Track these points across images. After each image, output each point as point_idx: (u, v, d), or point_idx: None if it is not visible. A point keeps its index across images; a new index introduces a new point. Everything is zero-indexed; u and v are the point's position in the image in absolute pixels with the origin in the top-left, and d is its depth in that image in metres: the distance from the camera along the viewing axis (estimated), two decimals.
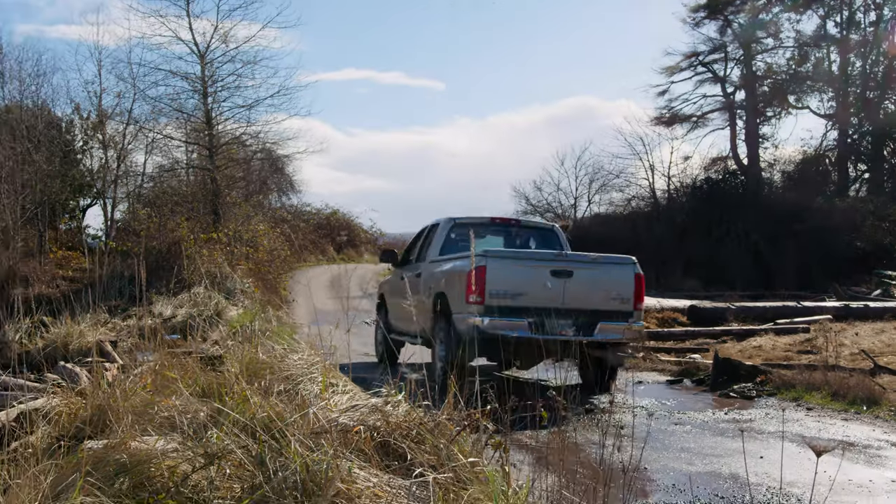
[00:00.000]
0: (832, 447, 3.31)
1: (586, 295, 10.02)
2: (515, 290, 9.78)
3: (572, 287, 9.95)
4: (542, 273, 10.01)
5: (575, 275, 10.06)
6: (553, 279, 9.95)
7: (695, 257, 29.63)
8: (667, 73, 37.93)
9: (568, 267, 10.13)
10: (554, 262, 10.23)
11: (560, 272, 10.00)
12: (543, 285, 9.93)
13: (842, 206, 31.83)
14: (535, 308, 9.69)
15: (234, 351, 7.94)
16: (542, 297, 9.81)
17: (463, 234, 11.55)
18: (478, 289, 9.65)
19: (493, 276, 9.70)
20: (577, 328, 9.91)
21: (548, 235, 12.54)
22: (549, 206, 41.08)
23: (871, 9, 36.98)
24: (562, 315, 9.78)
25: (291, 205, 37.28)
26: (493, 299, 9.66)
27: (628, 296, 10.28)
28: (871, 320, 18.12)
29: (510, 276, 9.76)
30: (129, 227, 22.30)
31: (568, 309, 9.88)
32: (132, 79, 23.29)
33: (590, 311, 10.04)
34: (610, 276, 10.35)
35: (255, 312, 16.90)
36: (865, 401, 9.48)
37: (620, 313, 10.22)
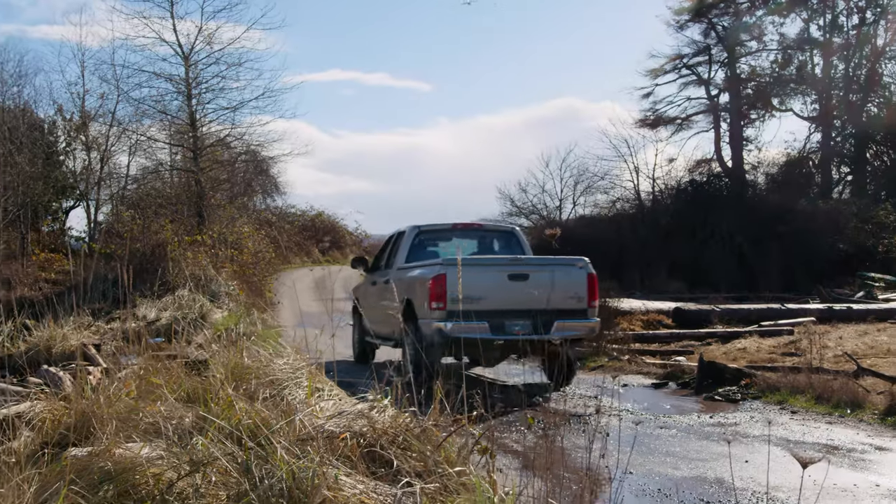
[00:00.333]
0: (818, 458, 3.32)
1: (542, 296, 10.24)
2: (475, 295, 10.11)
3: (529, 289, 10.37)
4: (499, 277, 10.57)
5: (531, 277, 10.62)
6: (510, 283, 10.54)
7: (679, 259, 29.70)
8: (651, 75, 38.05)
9: (524, 270, 10.71)
10: (510, 267, 10.80)
11: (516, 276, 10.61)
12: (501, 289, 10.47)
13: (825, 209, 31.99)
14: (495, 310, 10.23)
15: (219, 355, 7.91)
16: (501, 300, 10.38)
17: (428, 240, 12.69)
18: (439, 295, 10.26)
19: (454, 283, 10.11)
20: (535, 327, 10.39)
21: (508, 238, 13.19)
22: (533, 208, 41.15)
23: (854, 12, 37.19)
24: (520, 316, 10.39)
25: (276, 206, 37.22)
26: (454, 304, 10.05)
27: (582, 295, 10.83)
28: (855, 322, 18.20)
29: (469, 281, 9.97)
30: (113, 229, 22.20)
31: (525, 310, 10.37)
32: (116, 80, 23.25)
33: (546, 311, 10.37)
34: (564, 278, 10.83)
35: (240, 315, 16.85)
36: (849, 404, 9.52)
37: (576, 312, 10.78)
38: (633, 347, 15.05)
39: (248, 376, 7.19)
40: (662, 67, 37.79)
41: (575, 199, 40.33)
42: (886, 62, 37.36)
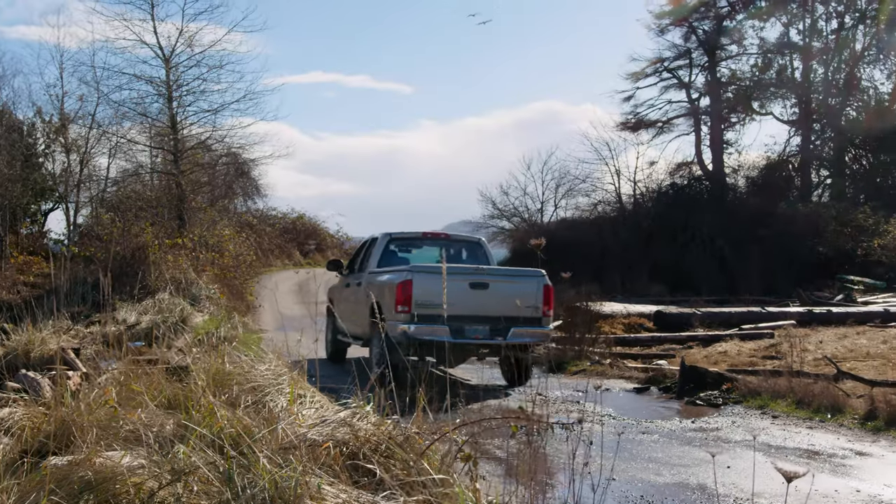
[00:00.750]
0: (802, 473, 3.33)
1: (500, 304, 11.12)
2: (438, 301, 10.66)
3: (488, 297, 11.23)
4: (461, 285, 11.25)
5: (490, 286, 11.39)
6: (471, 291, 11.25)
7: (661, 262, 29.79)
8: (632, 78, 38.19)
9: (484, 280, 11.45)
10: (472, 276, 11.52)
11: (477, 284, 11.34)
12: (463, 296, 11.11)
13: (805, 212, 32.18)
14: (456, 316, 10.89)
15: (201, 361, 7.86)
16: (462, 306, 10.98)
17: (398, 247, 13.64)
18: (405, 300, 11.01)
19: (419, 290, 10.97)
20: (493, 332, 11.24)
21: (474, 247, 13.96)
22: (515, 211, 41.19)
23: (833, 17, 37.50)
24: (479, 321, 11.19)
25: (257, 209, 37.04)
26: (419, 309, 10.87)
27: (538, 304, 11.55)
28: (834, 325, 18.33)
29: (433, 288, 10.80)
30: (93, 231, 22.03)
31: (484, 316, 11.19)
32: (95, 82, 23.09)
33: (504, 318, 11.21)
34: (521, 288, 11.72)
35: (221, 319, 16.76)
36: (830, 409, 9.56)
37: (531, 319, 11.53)
38: (614, 351, 15.09)
39: (230, 382, 7.14)
40: (644, 71, 37.97)
41: (556, 201, 40.42)
42: (865, 66, 37.70)
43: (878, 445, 8.12)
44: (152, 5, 22.16)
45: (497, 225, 41.46)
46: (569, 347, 14.57)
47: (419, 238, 14.04)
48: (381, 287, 11.84)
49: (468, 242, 14.19)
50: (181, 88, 22.76)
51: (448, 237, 14.50)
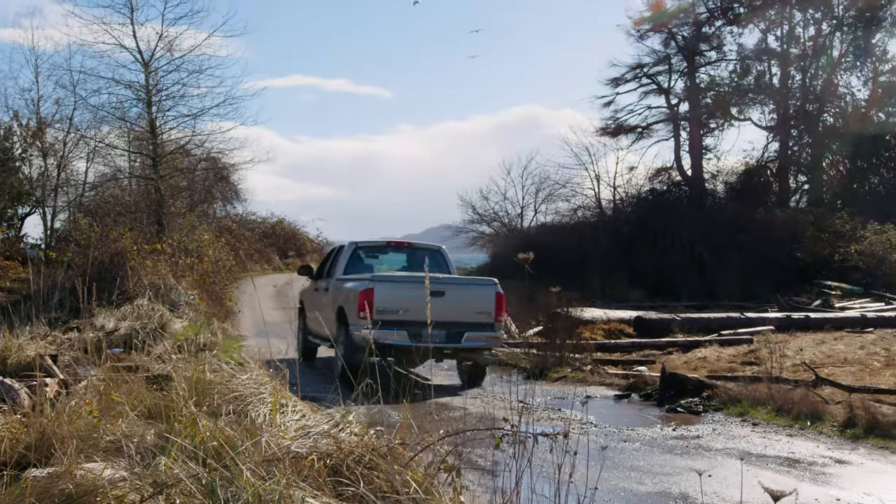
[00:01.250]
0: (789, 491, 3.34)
1: (455, 310, 12.00)
2: (398, 307, 11.79)
3: (444, 304, 11.75)
4: (419, 293, 11.09)
5: (447, 294, 12.05)
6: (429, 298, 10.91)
7: (641, 268, 29.86)
8: (612, 84, 38.21)
9: (441, 288, 12.04)
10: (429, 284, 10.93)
11: (434, 292, 11.32)
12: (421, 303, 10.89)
13: (783, 217, 32.39)
14: (414, 321, 11.52)
15: (182, 369, 7.81)
16: (420, 312, 11.16)
17: (364, 255, 14.39)
18: (367, 307, 11.72)
19: (380, 297, 11.86)
20: (448, 337, 12.04)
21: (435, 255, 14.61)
22: (495, 216, 41.19)
23: (811, 24, 37.77)
24: (436, 327, 11.69)
25: (237, 214, 36.90)
26: (380, 315, 11.64)
27: (490, 310, 12.45)
28: (812, 331, 18.46)
29: (393, 295, 11.88)
30: (70, 236, 21.84)
31: (441, 321, 11.76)
32: (72, 86, 22.90)
33: (458, 324, 12.10)
34: (475, 295, 12.63)
35: (201, 325, 16.68)
36: (809, 416, 9.61)
37: (484, 325, 12.42)
38: (595, 357, 15.11)
39: (211, 391, 7.11)
40: (623, 76, 38.00)
41: (536, 206, 40.46)
42: (842, 73, 37.97)
43: (858, 454, 8.18)
44: (132, 9, 22.03)
45: (477, 230, 41.47)
46: (550, 354, 14.57)
47: (383, 246, 14.87)
48: (345, 294, 12.74)
49: (430, 250, 14.90)
50: (161, 93, 22.64)
51: (411, 245, 15.22)
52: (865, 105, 37.32)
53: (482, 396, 11.19)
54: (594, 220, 36.70)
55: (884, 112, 37.27)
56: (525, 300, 18.76)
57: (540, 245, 31.13)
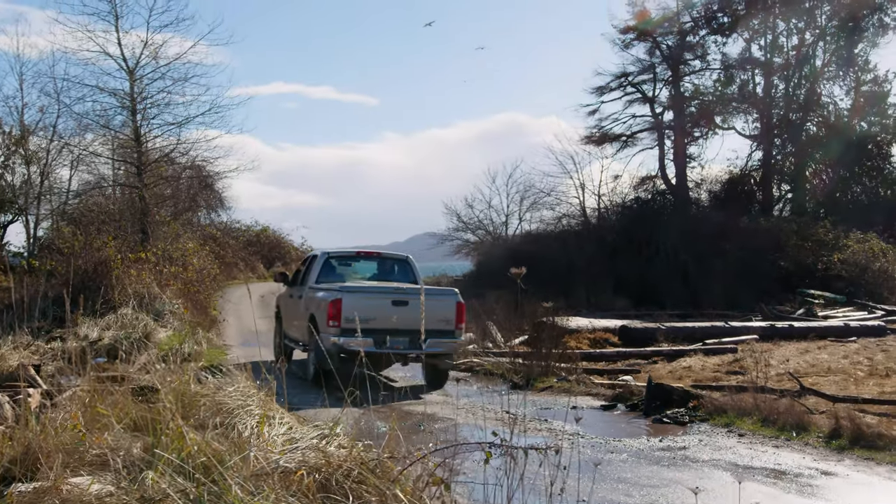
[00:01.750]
0: None
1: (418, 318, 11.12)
2: (365, 316, 11.44)
3: (408, 312, 12.52)
4: (384, 303, 12.85)
5: (410, 303, 12.78)
6: (393, 308, 12.69)
7: (625, 276, 29.90)
8: (597, 92, 38.35)
9: (404, 298, 12.95)
10: (394, 295, 13.14)
11: (398, 302, 12.89)
12: (386, 312, 12.54)
13: (766, 226, 32.57)
14: (380, 329, 12.47)
15: (167, 379, 7.77)
16: (385, 321, 12.37)
17: (336, 264, 15.07)
18: (336, 316, 12.61)
19: (348, 307, 12.57)
20: (412, 344, 12.76)
21: (403, 265, 15.43)
22: (480, 224, 41.26)
23: (794, 33, 38.03)
24: (400, 334, 12.71)
25: (221, 222, 36.73)
26: (348, 323, 12.47)
27: (451, 319, 13.26)
28: (796, 340, 18.55)
29: (360, 306, 12.33)
30: (53, 245, 21.67)
31: (405, 329, 12.55)
32: (56, 93, 22.75)
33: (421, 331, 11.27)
34: (437, 305, 13.19)
35: (185, 334, 16.60)
36: (795, 427, 9.64)
37: (445, 332, 13.17)
38: (581, 366, 15.11)
39: (198, 403, 7.07)
40: (608, 85, 38.16)
41: (521, 214, 40.57)
42: (825, 82, 38.28)
43: (843, 465, 8.20)
44: (116, 17, 21.91)
45: (462, 237, 41.53)
46: (536, 363, 14.56)
47: (354, 256, 15.62)
48: (317, 302, 13.46)
49: (398, 260, 15.67)
50: (146, 101, 22.50)
51: (380, 255, 15.82)
52: (848, 114, 37.63)
53: (469, 407, 11.16)
54: (579, 228, 36.79)
55: (866, 121, 37.56)
56: (511, 309, 18.77)
57: (525, 254, 31.23)
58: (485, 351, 16.96)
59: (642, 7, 37.19)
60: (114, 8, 21.96)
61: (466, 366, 16.02)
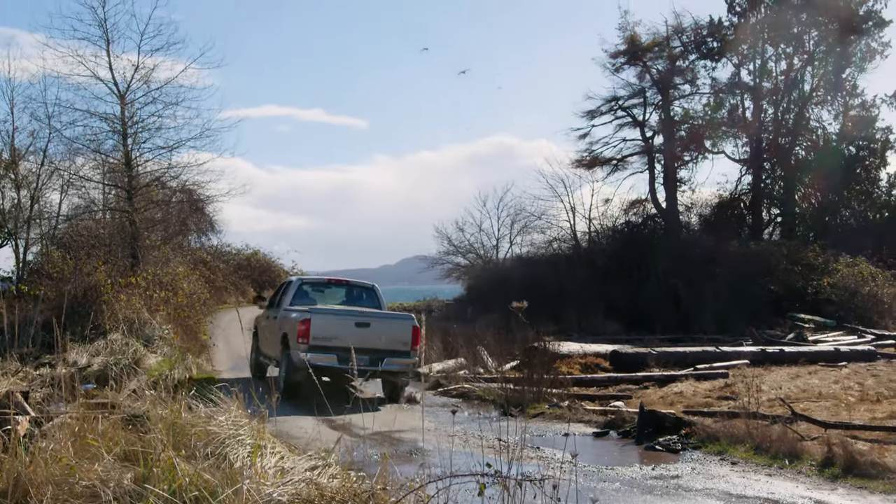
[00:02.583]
0: None
1: (378, 339, 14.27)
2: (331, 335, 13.98)
3: (369, 334, 14.30)
4: (349, 324, 14.36)
5: (371, 325, 14.51)
6: (356, 329, 14.23)
7: (616, 300, 29.88)
8: (587, 116, 38.46)
9: (366, 320, 14.61)
10: (357, 317, 14.70)
11: (361, 323, 14.49)
12: (350, 332, 13.92)
13: (756, 250, 32.63)
14: (344, 347, 13.11)
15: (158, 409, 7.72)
16: (349, 340, 12.79)
17: (308, 290, 16.57)
18: (305, 334, 13.96)
19: (315, 327, 14.00)
20: (371, 361, 14.03)
21: (370, 292, 16.91)
22: (471, 247, 41.25)
23: (782, 58, 38.29)
24: (362, 352, 13.62)
25: (212, 245, 36.60)
26: (315, 341, 13.92)
27: (407, 340, 14.63)
28: (787, 364, 18.55)
29: (327, 326, 14.12)
30: (43, 269, 21.55)
31: (366, 348, 13.97)
32: (47, 118, 22.68)
33: (380, 350, 14.24)
34: (395, 327, 14.78)
35: (175, 360, 16.52)
36: (788, 454, 9.63)
37: (402, 352, 14.56)
38: (572, 392, 15.08)
39: (188, 432, 7.02)
40: (598, 109, 38.27)
41: (512, 238, 40.59)
42: (813, 107, 38.49)
43: (837, 494, 8.19)
44: (108, 41, 21.89)
45: (452, 261, 41.50)
46: (527, 389, 14.53)
47: (325, 283, 17.48)
48: (289, 322, 14.78)
49: (365, 287, 17.10)
50: (136, 125, 22.46)
51: (349, 283, 17.44)
52: (837, 138, 37.82)
53: (461, 435, 11.12)
54: (570, 252, 36.77)
55: (854, 145, 37.74)
56: (502, 333, 18.74)
57: (516, 278, 31.25)
58: (476, 377, 16.94)
59: (632, 32, 37.43)
60: (105, 32, 21.96)
61: (458, 392, 16.00)
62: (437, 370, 17.83)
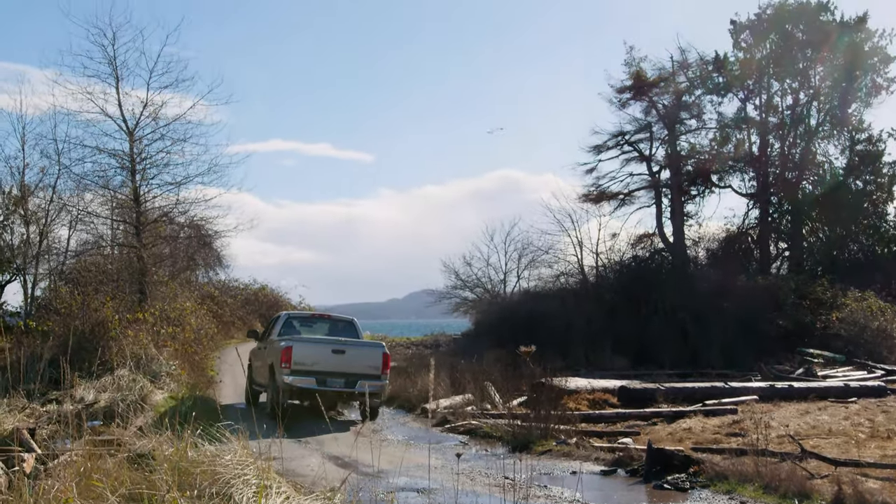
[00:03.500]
0: None
1: (353, 365, 16.32)
2: (310, 361, 16.02)
3: (345, 360, 16.30)
4: (326, 351, 16.30)
5: (346, 352, 16.42)
6: (333, 355, 16.23)
7: (624, 335, 29.72)
8: (594, 151, 38.46)
9: (342, 348, 16.49)
10: (333, 345, 16.57)
11: (337, 350, 16.38)
12: (327, 358, 16.13)
13: (764, 284, 32.51)
14: (323, 372, 16.00)
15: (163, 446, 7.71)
16: (326, 365, 16.06)
17: (295, 323, 18.55)
18: (287, 360, 15.88)
19: (296, 353, 15.99)
20: (347, 384, 16.17)
21: (349, 325, 18.61)
22: (478, 282, 41.20)
23: (788, 93, 38.45)
24: (338, 376, 16.15)
25: (219, 280, 36.71)
26: (297, 366, 15.87)
27: (378, 365, 16.55)
28: (796, 400, 18.44)
29: (306, 352, 16.11)
30: (51, 305, 21.61)
31: (342, 372, 16.18)
32: (57, 154, 22.85)
33: (355, 374, 16.25)
34: (367, 354, 16.79)
35: (182, 396, 16.52)
36: (797, 494, 9.53)
37: (374, 376, 16.40)
38: (580, 428, 15.00)
39: (194, 472, 7.00)
40: (605, 144, 38.24)
41: (519, 272, 40.54)
42: (819, 141, 38.56)
43: None
44: (117, 78, 22.12)
45: (460, 295, 41.46)
46: (534, 426, 14.46)
47: (310, 317, 19.99)
48: (275, 351, 16.49)
49: (345, 321, 18.81)
50: (145, 161, 22.60)
51: (330, 317, 19.41)
52: (843, 173, 37.83)
53: (467, 472, 11.06)
54: (577, 286, 36.64)
55: (861, 180, 37.74)
56: (509, 369, 18.68)
57: (523, 312, 31.19)
58: (483, 413, 16.89)
59: (638, 67, 37.59)
60: (115, 70, 22.20)
61: (465, 428, 15.94)
62: (445, 406, 17.79)
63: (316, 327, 18.65)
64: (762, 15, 38.75)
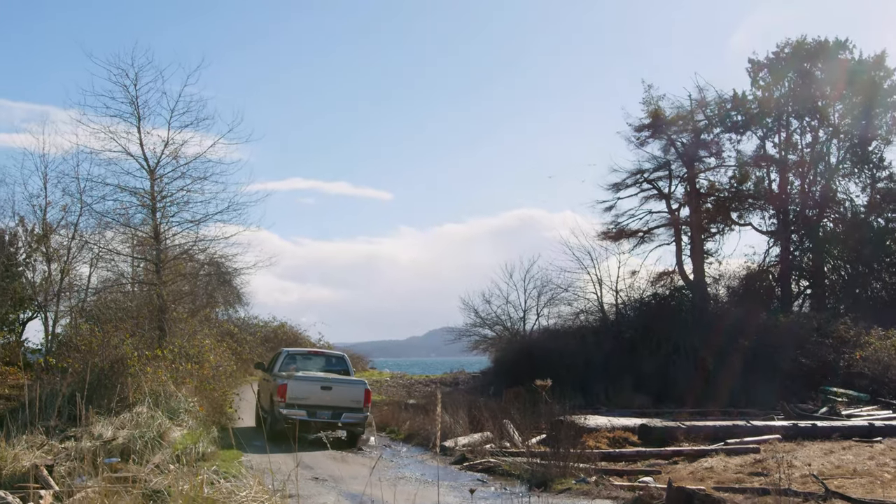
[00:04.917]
0: None
1: (339, 399, 18.84)
2: (302, 396, 18.61)
3: (332, 394, 18.87)
4: (316, 387, 18.89)
5: (333, 388, 19.01)
6: (322, 391, 18.82)
7: (644, 373, 29.55)
8: (613, 189, 38.46)
9: (330, 384, 19.10)
10: (322, 382, 19.16)
11: (326, 387, 18.95)
12: (317, 393, 18.73)
13: (786, 322, 32.24)
14: (313, 405, 18.65)
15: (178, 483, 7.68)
16: (316, 399, 18.71)
17: (295, 358, 21.18)
18: (282, 395, 18.50)
19: (291, 389, 18.63)
20: (333, 415, 18.78)
21: (341, 360, 21.66)
22: (497, 319, 41.02)
23: (808, 131, 38.41)
24: (326, 409, 18.73)
25: (238, 317, 36.80)
26: (291, 400, 18.51)
27: (360, 400, 19.00)
28: (820, 440, 18.23)
29: (299, 388, 18.69)
30: (71, 342, 21.69)
31: (329, 405, 18.77)
32: (79, 193, 23.05)
33: (340, 407, 18.81)
34: (351, 390, 19.18)
35: (200, 434, 16.46)
36: None
37: (356, 409, 18.95)
38: (599, 467, 14.85)
39: None
40: (624, 181, 38.25)
41: (539, 310, 40.30)
42: (840, 179, 38.44)
43: None
44: (139, 118, 22.31)
45: (479, 333, 41.29)
46: (553, 464, 14.33)
47: (306, 354, 22.32)
48: (275, 386, 19.03)
49: (337, 356, 21.95)
50: (165, 199, 22.74)
51: (324, 353, 22.66)
52: (864, 211, 37.65)
53: None
54: (597, 324, 36.46)
55: (883, 217, 37.55)
56: (528, 407, 18.58)
57: (543, 350, 31.05)
58: (502, 450, 16.76)
59: (656, 106, 37.66)
60: (136, 110, 22.39)
61: (483, 466, 15.80)
62: (463, 444, 17.68)
63: (312, 361, 21.38)
64: (780, 53, 38.89)
